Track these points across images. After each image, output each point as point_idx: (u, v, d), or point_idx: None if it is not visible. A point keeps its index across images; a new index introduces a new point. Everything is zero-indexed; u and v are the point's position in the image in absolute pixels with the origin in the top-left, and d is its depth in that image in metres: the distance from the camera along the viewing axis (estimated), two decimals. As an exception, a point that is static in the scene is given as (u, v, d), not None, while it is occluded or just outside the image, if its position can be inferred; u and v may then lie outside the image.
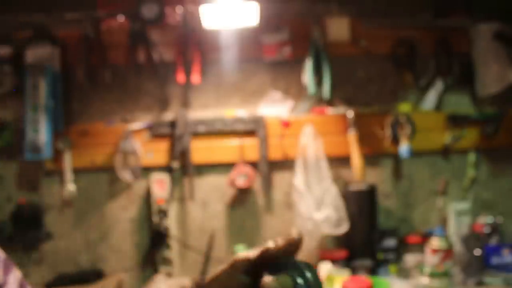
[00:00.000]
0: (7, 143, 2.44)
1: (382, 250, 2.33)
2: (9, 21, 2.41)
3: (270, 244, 0.52)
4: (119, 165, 2.40)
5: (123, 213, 2.48)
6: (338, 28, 2.42)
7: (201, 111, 2.48)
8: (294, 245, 0.52)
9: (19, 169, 2.48)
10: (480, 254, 2.21)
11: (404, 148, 2.34)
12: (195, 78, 2.41)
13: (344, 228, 2.27)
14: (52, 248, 2.48)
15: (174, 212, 2.47)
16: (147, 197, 2.46)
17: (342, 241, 2.38)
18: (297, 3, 2.45)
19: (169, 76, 2.45)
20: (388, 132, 2.39)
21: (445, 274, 2.09)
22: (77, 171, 2.45)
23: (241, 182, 2.38)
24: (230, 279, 0.53)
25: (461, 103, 2.47)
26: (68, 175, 2.43)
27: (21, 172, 2.48)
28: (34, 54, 2.37)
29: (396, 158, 2.45)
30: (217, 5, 2.23)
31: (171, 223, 2.45)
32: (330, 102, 2.45)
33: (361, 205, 2.33)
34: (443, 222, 2.40)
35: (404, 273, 2.26)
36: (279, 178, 2.47)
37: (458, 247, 2.23)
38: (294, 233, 0.53)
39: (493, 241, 2.29)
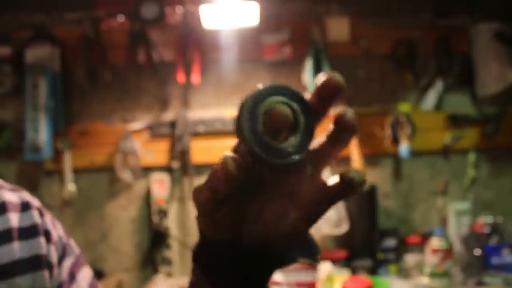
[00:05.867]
0: (7, 143, 2.44)
1: (382, 250, 2.33)
2: (9, 21, 2.41)
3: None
4: (119, 165, 2.40)
5: (123, 213, 2.48)
6: (338, 28, 2.42)
7: (201, 111, 2.48)
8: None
9: (19, 169, 2.48)
10: (480, 254, 2.21)
11: (404, 148, 2.34)
12: (195, 78, 2.40)
13: (344, 228, 2.27)
14: (52, 248, 2.48)
15: (174, 212, 2.47)
16: (147, 197, 2.46)
17: (342, 241, 2.38)
18: (297, 3, 2.45)
19: (169, 76, 2.45)
20: (388, 132, 2.39)
21: (445, 274, 2.09)
22: (77, 171, 2.45)
23: (241, 182, 2.38)
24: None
25: (461, 103, 2.47)
26: (68, 175, 2.43)
27: (21, 172, 2.48)
28: (34, 54, 2.37)
29: (396, 158, 2.45)
30: (217, 5, 2.23)
31: (171, 223, 2.45)
32: (330, 102, 2.45)
33: (361, 205, 2.32)
34: (443, 222, 2.40)
35: (404, 273, 2.26)
36: (279, 178, 2.46)
37: (458, 247, 2.22)
38: None
39: (493, 241, 2.29)
